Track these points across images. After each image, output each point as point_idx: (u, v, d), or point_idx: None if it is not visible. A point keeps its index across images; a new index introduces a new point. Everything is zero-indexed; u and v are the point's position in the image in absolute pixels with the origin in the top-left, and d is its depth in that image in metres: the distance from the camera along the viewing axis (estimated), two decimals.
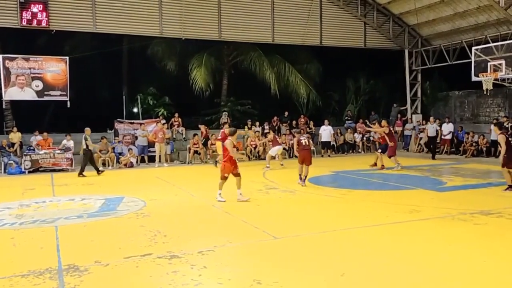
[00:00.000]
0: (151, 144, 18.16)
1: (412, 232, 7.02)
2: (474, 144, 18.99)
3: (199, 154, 18.32)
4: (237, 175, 9.81)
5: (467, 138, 19.10)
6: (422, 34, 23.02)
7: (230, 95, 24.28)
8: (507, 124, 18.01)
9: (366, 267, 5.39)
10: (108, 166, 17.07)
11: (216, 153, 16.68)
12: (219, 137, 15.94)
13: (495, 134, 17.89)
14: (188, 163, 18.17)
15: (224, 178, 9.78)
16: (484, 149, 18.73)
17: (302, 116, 22.78)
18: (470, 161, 17.17)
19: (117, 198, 10.34)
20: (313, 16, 21.51)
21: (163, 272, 5.32)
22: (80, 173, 14.30)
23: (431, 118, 19.65)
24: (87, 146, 14.58)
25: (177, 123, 20.49)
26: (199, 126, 20.16)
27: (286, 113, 22.43)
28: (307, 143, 12.21)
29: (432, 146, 18.69)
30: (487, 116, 21.66)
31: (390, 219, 7.82)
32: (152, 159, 18.00)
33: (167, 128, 19.32)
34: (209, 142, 18.45)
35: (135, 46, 23.64)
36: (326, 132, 19.99)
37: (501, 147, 10.59)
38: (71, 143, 16.83)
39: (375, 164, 15.41)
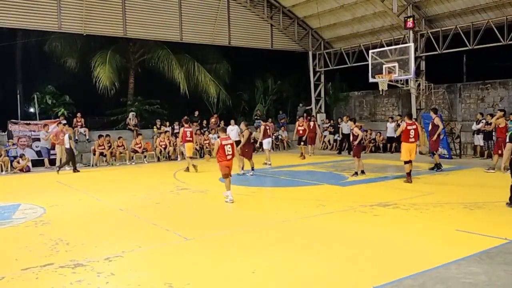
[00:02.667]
0: (52, 147, 17.07)
1: (319, 226, 7.34)
2: (372, 140, 20.43)
3: (105, 156, 17.54)
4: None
5: (366, 135, 20.44)
6: (325, 37, 24.18)
7: (137, 94, 23.48)
8: (400, 121, 19.58)
9: (276, 263, 5.52)
10: (2, 171, 15.66)
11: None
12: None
13: (391, 131, 19.47)
14: (92, 165, 17.28)
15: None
16: (381, 145, 20.23)
17: (215, 116, 22.74)
18: (369, 156, 18.38)
19: (13, 206, 9.51)
20: (221, 16, 21.59)
21: (67, 282, 4.99)
22: (75, 169, 15.41)
23: (345, 117, 20.63)
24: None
25: (79, 123, 19.36)
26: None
27: (197, 113, 22.24)
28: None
29: (347, 143, 19.70)
30: (383, 114, 23.34)
31: (299, 215, 8.11)
32: (54, 163, 16.93)
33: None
34: (115, 144, 17.74)
35: (31, 41, 21.88)
36: (233, 132, 20.36)
37: (353, 136, 12.74)
38: None
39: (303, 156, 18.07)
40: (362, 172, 12.86)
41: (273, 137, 22.28)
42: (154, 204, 9.49)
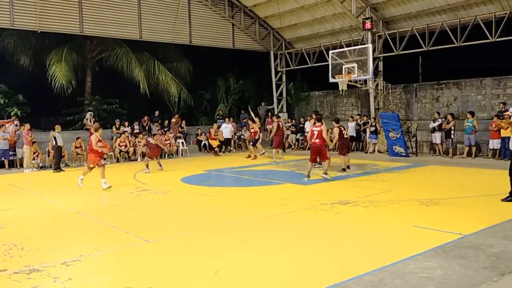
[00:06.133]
0: (11, 147, 16.64)
1: (282, 225, 7.38)
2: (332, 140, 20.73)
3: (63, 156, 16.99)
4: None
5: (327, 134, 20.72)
6: (286, 37, 24.38)
7: (95, 94, 22.86)
8: (360, 121, 20.01)
9: (239, 263, 5.50)
10: None
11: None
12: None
13: (351, 130, 19.85)
14: (48, 167, 16.69)
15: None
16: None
17: (177, 116, 22.44)
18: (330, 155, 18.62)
19: None
20: (181, 14, 21.35)
21: None
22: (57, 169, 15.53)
23: (308, 117, 21.04)
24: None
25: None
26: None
27: (157, 112, 21.90)
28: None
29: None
30: (343, 114, 23.77)
31: (261, 214, 8.12)
32: (12, 164, 16.61)
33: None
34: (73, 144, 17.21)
35: None
36: (227, 130, 20.77)
37: (334, 137, 13.21)
38: None
39: (249, 156, 17.56)
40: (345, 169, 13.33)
41: (236, 136, 22.33)
42: (113, 206, 9.27)
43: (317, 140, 11.75)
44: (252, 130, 18.26)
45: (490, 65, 22.08)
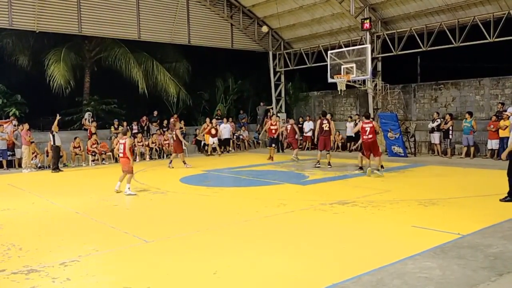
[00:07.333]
0: (9, 147, 16.64)
1: (281, 225, 7.38)
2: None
3: (61, 156, 16.96)
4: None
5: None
6: (284, 37, 24.38)
7: (93, 94, 22.84)
8: (358, 121, 20.01)
9: (238, 263, 5.50)
10: None
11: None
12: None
13: (350, 130, 19.87)
14: (46, 167, 16.67)
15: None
16: (340, 144, 20.61)
17: (176, 116, 22.41)
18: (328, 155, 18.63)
19: None
20: (180, 14, 21.33)
21: None
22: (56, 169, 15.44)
23: (307, 118, 21.28)
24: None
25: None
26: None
27: (156, 113, 21.90)
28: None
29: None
30: (341, 114, 23.78)
31: (260, 214, 8.12)
32: (11, 164, 16.59)
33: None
34: (72, 144, 17.16)
35: None
36: (226, 130, 20.82)
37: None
38: None
39: (270, 158, 16.96)
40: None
41: (234, 136, 22.32)
42: (112, 207, 9.26)
43: (370, 136, 11.99)
44: (272, 127, 17.46)
45: (488, 65, 22.11)
